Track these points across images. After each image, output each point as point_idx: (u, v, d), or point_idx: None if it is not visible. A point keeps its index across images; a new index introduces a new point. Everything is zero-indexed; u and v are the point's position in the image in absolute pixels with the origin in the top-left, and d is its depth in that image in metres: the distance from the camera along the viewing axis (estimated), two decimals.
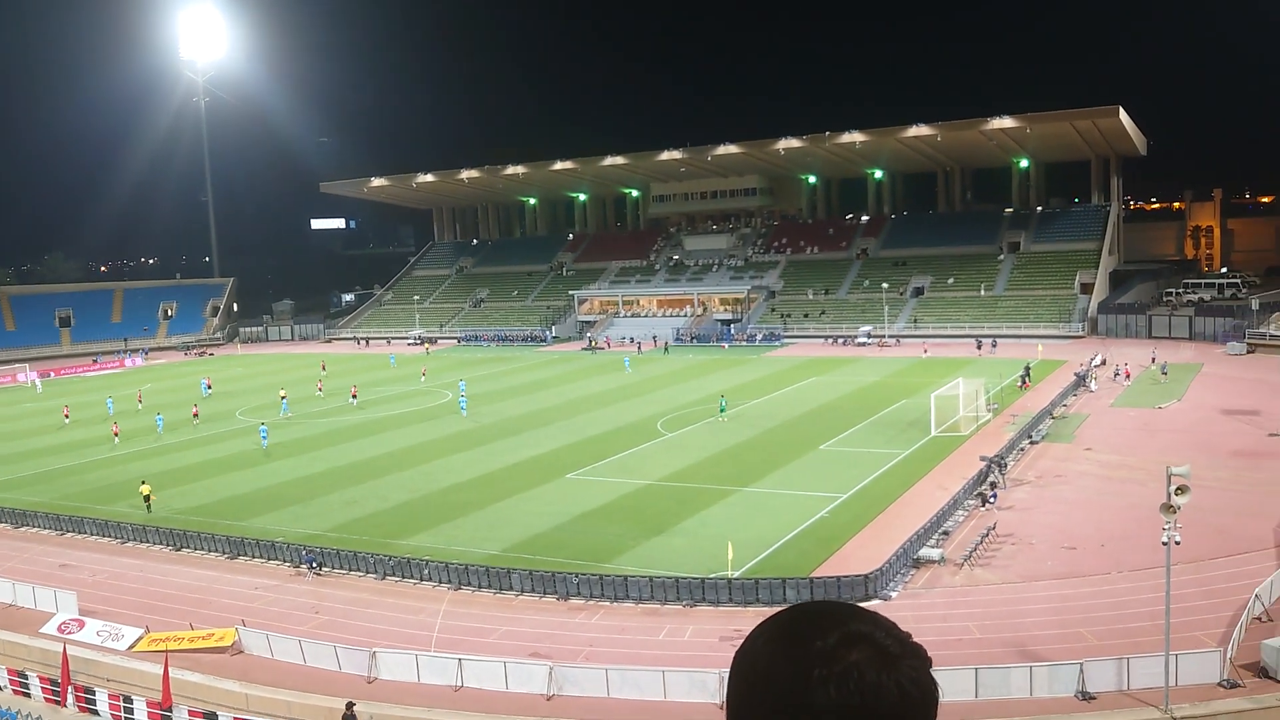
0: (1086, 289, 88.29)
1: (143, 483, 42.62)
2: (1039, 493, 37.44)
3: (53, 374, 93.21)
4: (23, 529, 40.15)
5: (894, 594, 27.74)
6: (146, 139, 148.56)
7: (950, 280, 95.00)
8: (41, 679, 26.25)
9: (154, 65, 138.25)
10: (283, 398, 64.89)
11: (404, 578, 31.37)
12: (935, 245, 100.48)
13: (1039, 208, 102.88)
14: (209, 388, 74.45)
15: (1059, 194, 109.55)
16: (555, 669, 23.69)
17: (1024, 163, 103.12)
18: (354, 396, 66.20)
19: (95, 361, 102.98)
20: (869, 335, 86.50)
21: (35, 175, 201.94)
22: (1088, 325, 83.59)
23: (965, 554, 30.24)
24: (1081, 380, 58.54)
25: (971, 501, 35.87)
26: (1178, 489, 21.95)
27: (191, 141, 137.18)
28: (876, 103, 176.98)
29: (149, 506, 40.82)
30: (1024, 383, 59.55)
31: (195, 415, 61.76)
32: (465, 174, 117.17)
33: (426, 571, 31.06)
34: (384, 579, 31.57)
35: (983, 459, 38.70)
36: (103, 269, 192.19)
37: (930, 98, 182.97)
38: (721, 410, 54.76)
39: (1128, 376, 60.64)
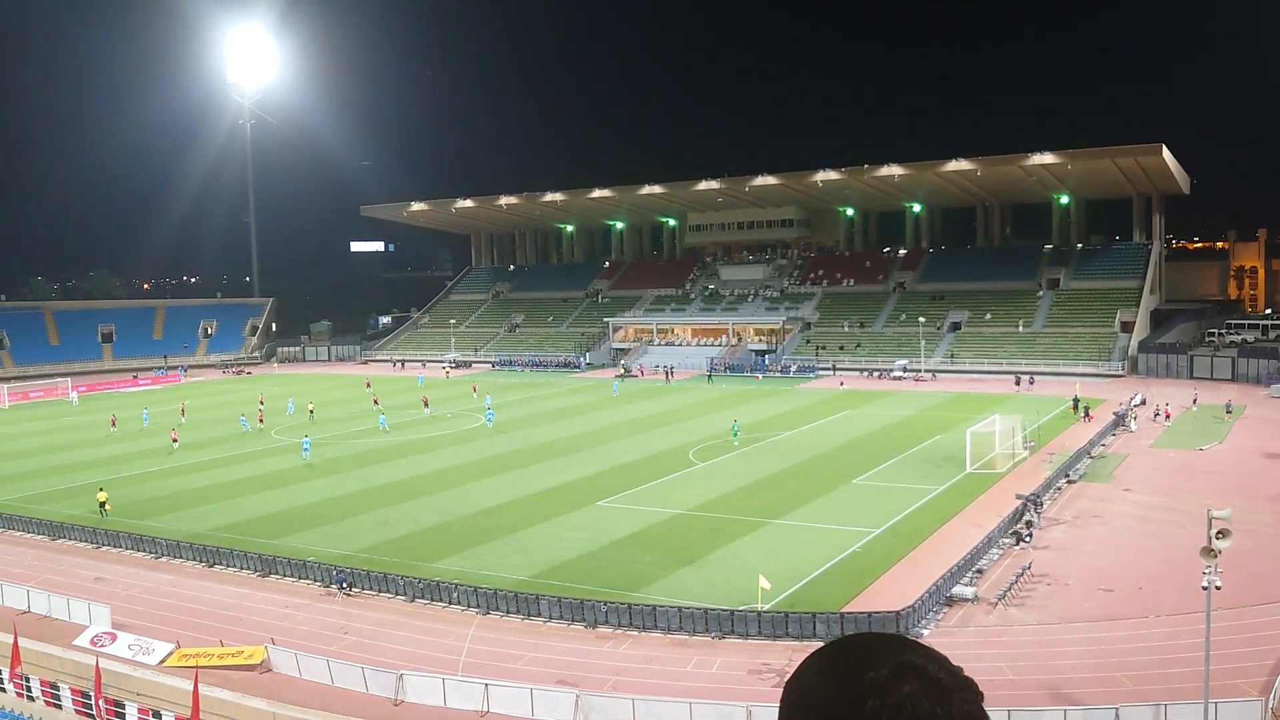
0: (1127, 327, 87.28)
1: (100, 489, 45.30)
2: (1076, 533, 36.87)
3: (79, 389, 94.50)
4: (59, 541, 40.63)
5: (926, 631, 27.37)
6: (193, 160, 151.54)
7: (988, 316, 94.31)
8: (73, 691, 26.43)
9: (203, 88, 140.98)
10: (378, 407, 70.63)
11: (433, 600, 31.37)
12: (973, 280, 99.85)
13: (1079, 244, 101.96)
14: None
15: (1100, 231, 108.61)
16: (582, 697, 23.54)
17: (1064, 199, 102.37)
18: (426, 405, 71.52)
19: (135, 378, 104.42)
20: (904, 369, 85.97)
21: (84, 194, 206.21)
22: (1128, 364, 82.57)
23: (999, 593, 29.80)
24: (1121, 420, 57.78)
25: (1006, 540, 35.40)
26: (1219, 533, 21.54)
27: (237, 163, 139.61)
28: (916, 136, 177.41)
29: (103, 513, 43.19)
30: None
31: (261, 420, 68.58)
32: (504, 200, 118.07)
33: (455, 595, 31.06)
34: (413, 601, 31.59)
35: (1019, 497, 38.21)
36: (145, 286, 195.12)
37: (970, 132, 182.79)
38: (734, 435, 56.14)
39: (1168, 417, 59.79)
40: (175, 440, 60.73)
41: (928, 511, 39.84)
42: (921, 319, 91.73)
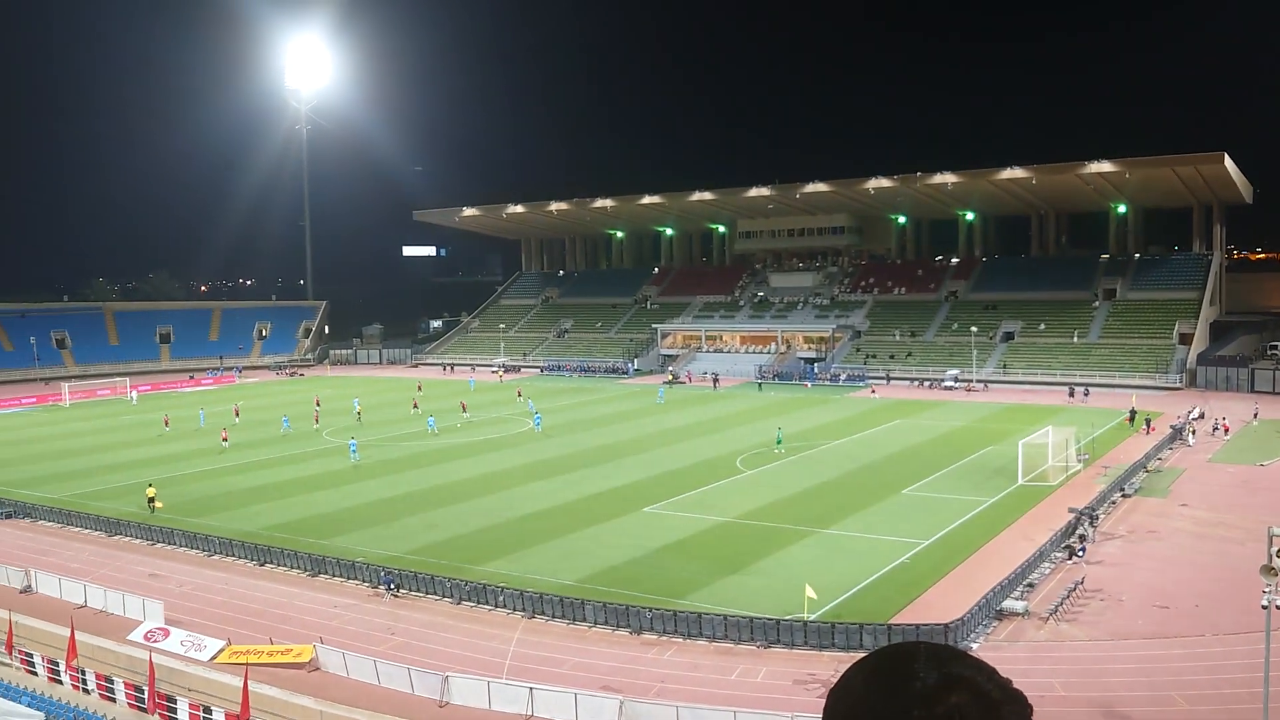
0: (1185, 339, 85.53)
1: (149, 485, 46.64)
2: (1130, 548, 36.17)
3: (138, 389, 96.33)
4: (115, 537, 41.47)
5: (975, 645, 26.98)
6: (251, 165, 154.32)
7: (1042, 326, 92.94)
8: (127, 685, 26.92)
9: (261, 94, 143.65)
10: (418, 411, 72.61)
11: (479, 603, 31.54)
12: (1027, 290, 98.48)
13: (1137, 254, 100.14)
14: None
15: (1158, 241, 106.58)
16: (626, 703, 23.51)
17: (1121, 208, 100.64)
18: (464, 410, 71.15)
19: (191, 378, 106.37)
20: (956, 379, 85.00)
21: (145, 197, 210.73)
22: (1186, 377, 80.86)
23: (1051, 608, 29.30)
24: (1178, 433, 56.61)
25: (1059, 554, 34.81)
26: (1279, 550, 21.02)
27: (293, 168, 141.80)
28: (969, 143, 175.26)
29: (153, 509, 44.36)
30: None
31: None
32: (554, 206, 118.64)
33: (502, 598, 31.20)
34: (459, 604, 31.78)
35: (1072, 510, 37.57)
36: (203, 289, 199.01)
37: (1025, 139, 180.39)
38: (778, 443, 56.04)
39: (1226, 431, 58.48)
40: (225, 440, 61.90)
41: (978, 524, 39.32)
42: (974, 328, 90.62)
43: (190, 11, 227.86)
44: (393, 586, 32.82)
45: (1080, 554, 34.49)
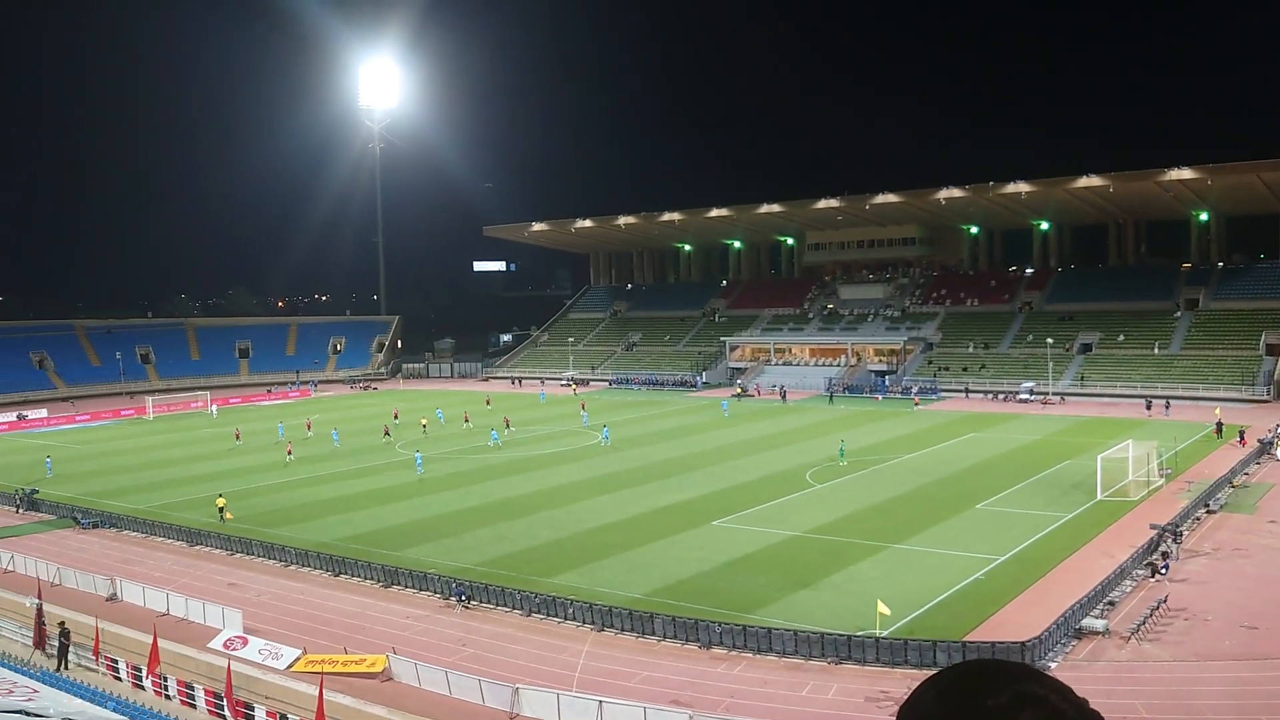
0: (1273, 350, 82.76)
1: (219, 496, 48.17)
2: (1216, 566, 35.02)
3: (218, 402, 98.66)
4: (196, 547, 42.52)
5: (1053, 665, 26.34)
6: (326, 183, 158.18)
7: (1120, 337, 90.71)
8: (207, 692, 27.52)
9: (336, 114, 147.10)
10: (468, 425, 72.56)
11: (549, 615, 31.66)
12: (1105, 300, 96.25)
13: (1220, 263, 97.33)
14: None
15: (1242, 249, 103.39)
16: (695, 718, 23.39)
17: (1203, 215, 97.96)
18: (508, 426, 70.14)
19: (269, 391, 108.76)
20: (1031, 392, 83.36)
21: (224, 215, 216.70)
22: (1273, 389, 78.24)
23: (1132, 627, 28.48)
24: (1266, 447, 54.77)
25: (1140, 571, 33.85)
26: None
27: (366, 186, 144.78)
28: (1042, 151, 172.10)
29: (222, 518, 45.67)
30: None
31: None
32: (622, 220, 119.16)
33: (571, 611, 31.28)
34: (529, 616, 31.94)
35: (1154, 527, 36.52)
36: (280, 304, 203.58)
37: (1100, 146, 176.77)
38: (841, 456, 55.44)
39: None
40: (290, 453, 63.25)
41: (1056, 539, 38.43)
42: (1049, 340, 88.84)
43: (269, 35, 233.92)
44: (464, 598, 33.11)
45: (1163, 571, 33.50)
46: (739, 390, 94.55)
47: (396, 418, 78.16)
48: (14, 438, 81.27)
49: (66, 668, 29.85)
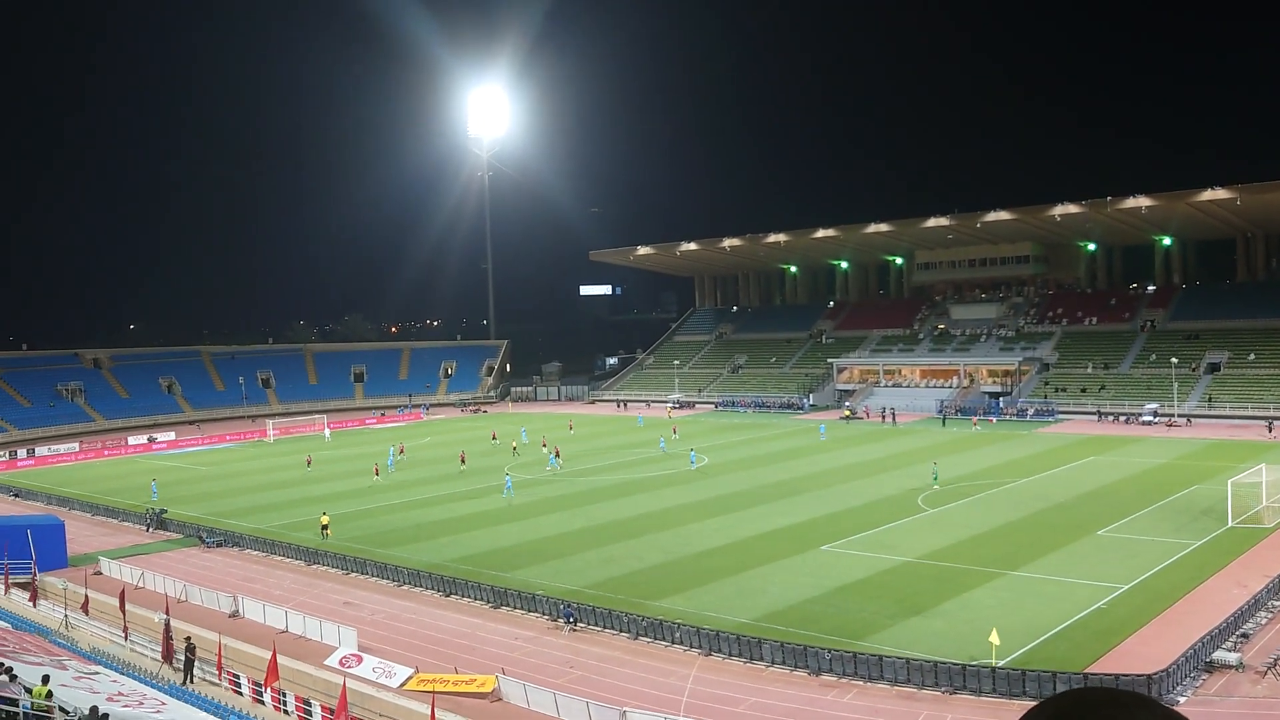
0: None
1: (323, 513, 49.45)
2: None
3: (333, 425, 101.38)
4: (314, 566, 43.76)
5: (1183, 699, 25.13)
6: (437, 211, 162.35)
7: (1251, 356, 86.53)
8: (323, 708, 28.16)
9: (445, 143, 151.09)
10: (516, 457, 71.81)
11: (656, 639, 31.59)
12: (1234, 318, 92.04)
13: None
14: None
15: None
16: None
17: None
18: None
19: (382, 415, 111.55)
20: (1155, 414, 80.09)
21: (340, 243, 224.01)
22: None
23: (1269, 661, 26.99)
24: None
25: (1277, 603, 32.11)
26: None
27: (475, 213, 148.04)
28: (1162, 164, 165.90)
29: (324, 536, 47.01)
30: None
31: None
32: (727, 242, 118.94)
33: (678, 635, 31.15)
34: (636, 639, 31.91)
35: None
36: (393, 330, 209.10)
37: (1218, 157, 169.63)
38: (934, 480, 54.58)
39: None
40: (377, 474, 65.44)
41: (1183, 568, 36.73)
42: (1174, 359, 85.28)
43: (381, 66, 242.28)
44: (572, 620, 33.27)
45: None
46: (847, 412, 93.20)
47: (495, 439, 79.60)
48: (144, 459, 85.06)
49: (192, 681, 30.89)
